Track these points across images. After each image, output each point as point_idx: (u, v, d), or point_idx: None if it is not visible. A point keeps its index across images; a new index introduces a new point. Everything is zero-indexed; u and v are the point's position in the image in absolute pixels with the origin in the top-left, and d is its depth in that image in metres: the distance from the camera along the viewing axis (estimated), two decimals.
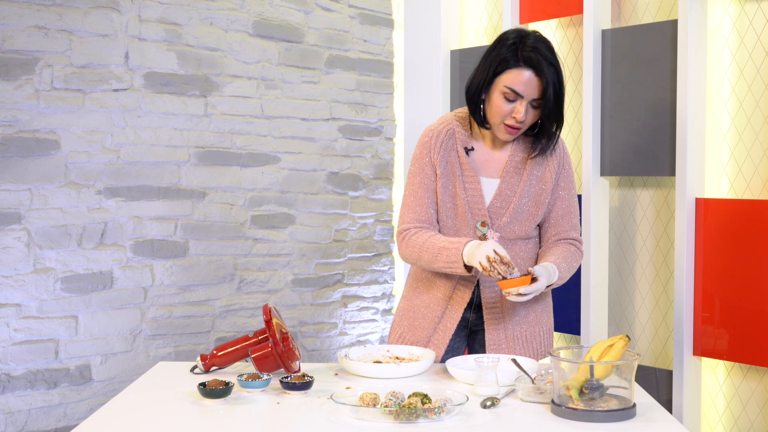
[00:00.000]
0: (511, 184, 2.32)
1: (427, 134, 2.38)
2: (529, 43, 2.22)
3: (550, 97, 2.22)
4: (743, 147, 2.80)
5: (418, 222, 2.34)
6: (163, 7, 3.22)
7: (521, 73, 2.21)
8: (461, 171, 2.33)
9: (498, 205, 2.32)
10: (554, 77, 2.21)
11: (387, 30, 3.95)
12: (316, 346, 3.78)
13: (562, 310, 3.28)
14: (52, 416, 3.00)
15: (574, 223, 2.39)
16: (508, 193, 2.32)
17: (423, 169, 2.35)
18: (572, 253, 2.35)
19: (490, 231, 2.32)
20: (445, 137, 2.35)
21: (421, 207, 2.35)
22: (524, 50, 2.21)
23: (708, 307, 2.85)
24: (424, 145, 2.36)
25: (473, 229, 2.33)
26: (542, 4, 3.31)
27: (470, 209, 2.32)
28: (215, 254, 3.41)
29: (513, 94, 2.22)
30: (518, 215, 2.32)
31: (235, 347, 2.24)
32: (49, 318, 2.98)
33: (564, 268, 2.30)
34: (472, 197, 2.32)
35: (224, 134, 3.41)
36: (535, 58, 2.20)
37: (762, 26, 2.73)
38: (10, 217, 2.90)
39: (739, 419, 2.84)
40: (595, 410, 1.84)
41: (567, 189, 2.37)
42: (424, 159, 2.35)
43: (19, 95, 2.90)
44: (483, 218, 2.33)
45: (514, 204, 2.32)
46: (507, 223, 2.32)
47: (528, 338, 2.40)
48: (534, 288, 2.17)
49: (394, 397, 1.88)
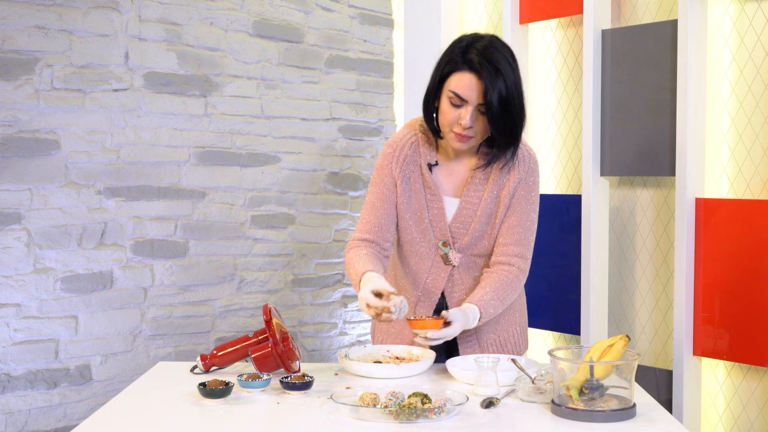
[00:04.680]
0: (471, 204, 2.26)
1: (391, 145, 2.31)
2: (477, 46, 2.13)
3: (493, 102, 2.09)
4: (743, 147, 2.80)
5: (365, 234, 2.30)
6: (163, 7, 3.22)
7: (464, 76, 2.12)
8: (424, 188, 2.28)
9: (459, 225, 2.27)
10: (501, 83, 2.09)
11: (387, 30, 3.95)
12: (316, 346, 3.78)
13: (562, 310, 3.28)
14: (52, 416, 3.00)
15: (521, 238, 2.27)
16: (469, 213, 2.27)
17: (383, 180, 2.30)
18: (508, 282, 2.26)
19: (452, 252, 2.28)
20: (408, 151, 2.29)
21: (374, 219, 2.30)
22: (469, 53, 2.12)
23: (708, 307, 2.85)
24: (386, 156, 2.31)
25: (435, 248, 2.29)
26: (542, 4, 3.31)
27: (432, 228, 2.28)
28: (215, 254, 3.41)
29: (458, 98, 2.13)
30: (479, 234, 2.28)
31: (235, 347, 2.24)
32: (49, 318, 2.98)
33: (495, 302, 2.23)
34: (434, 216, 2.28)
35: (224, 134, 3.41)
36: (478, 61, 2.10)
37: (762, 26, 2.73)
38: (10, 217, 2.90)
39: (739, 419, 2.84)
40: (595, 410, 1.84)
41: (522, 203, 2.27)
42: (385, 170, 2.30)
43: (19, 95, 2.90)
44: (445, 238, 2.28)
45: (474, 224, 2.27)
46: (469, 243, 2.28)
47: (502, 342, 2.39)
48: (444, 333, 2.12)
49: (394, 397, 1.88)
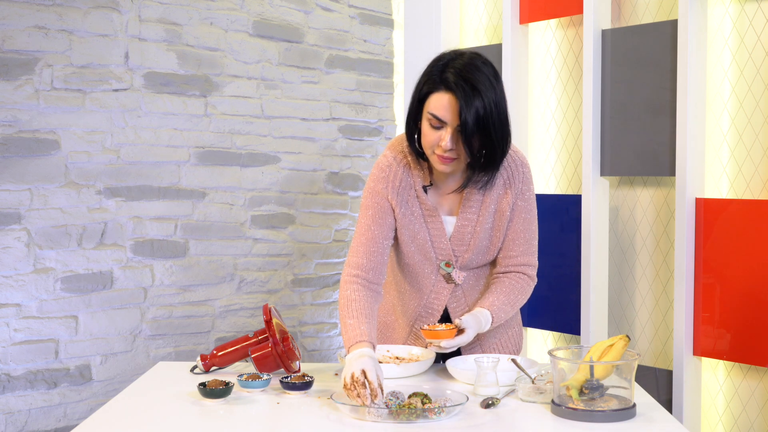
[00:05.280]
0: (469, 221, 2.23)
1: (383, 170, 2.22)
2: (455, 65, 2.05)
3: (468, 122, 2.01)
4: (743, 147, 2.80)
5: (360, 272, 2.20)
6: (163, 7, 3.22)
7: (442, 97, 2.04)
8: (422, 211, 2.23)
9: (459, 243, 2.25)
10: (478, 102, 2.01)
11: (387, 30, 3.95)
12: (316, 346, 3.78)
13: (562, 310, 3.28)
14: (52, 416, 3.00)
15: (527, 248, 2.26)
16: (468, 230, 2.24)
17: (378, 203, 2.21)
18: (519, 288, 2.26)
19: (455, 271, 2.26)
20: (402, 175, 2.21)
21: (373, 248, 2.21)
22: (446, 72, 2.04)
23: (708, 307, 2.85)
24: (379, 180, 2.22)
25: (437, 267, 2.27)
26: (542, 4, 3.31)
27: (434, 248, 2.25)
28: (215, 254, 3.41)
29: (437, 120, 2.05)
30: (479, 249, 2.25)
31: (235, 347, 2.24)
32: (49, 318, 2.98)
33: (506, 307, 2.22)
34: (435, 237, 2.24)
35: (224, 134, 3.41)
36: (454, 80, 2.02)
37: (762, 26, 2.73)
38: (10, 217, 2.90)
39: (739, 419, 2.84)
40: (595, 410, 1.84)
41: (523, 213, 2.24)
42: (380, 194, 2.21)
43: (19, 95, 2.90)
44: (447, 257, 2.26)
45: (475, 240, 2.24)
46: (470, 259, 2.26)
47: (503, 343, 2.39)
48: (458, 341, 2.11)
49: (394, 397, 1.88)
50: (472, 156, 2.07)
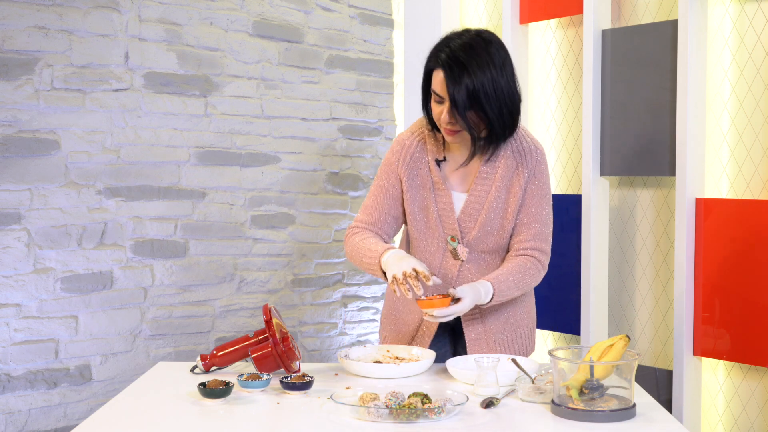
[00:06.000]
0: (479, 198, 2.27)
1: (399, 142, 2.34)
2: (451, 44, 2.16)
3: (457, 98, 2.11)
4: (743, 147, 2.80)
5: (365, 224, 2.35)
6: (163, 7, 3.22)
7: (438, 74, 2.16)
8: (432, 183, 2.29)
9: (467, 219, 2.28)
10: (467, 79, 2.10)
11: (387, 30, 3.95)
12: (316, 346, 3.78)
13: (562, 310, 3.28)
14: (52, 416, 3.00)
15: (538, 232, 2.29)
16: (476, 207, 2.27)
17: (388, 175, 2.34)
18: (527, 268, 2.27)
19: (460, 246, 2.28)
20: (416, 148, 2.32)
21: (375, 210, 2.34)
22: (442, 51, 2.16)
23: (708, 307, 2.85)
24: (394, 153, 2.34)
25: (444, 242, 2.30)
26: (542, 4, 3.31)
27: (441, 222, 2.29)
28: (215, 254, 3.41)
29: (437, 96, 2.17)
30: (487, 229, 2.27)
31: (235, 347, 2.24)
32: (49, 318, 2.98)
33: (510, 283, 2.23)
34: (443, 210, 2.28)
35: (224, 134, 3.41)
36: (445, 59, 2.13)
37: (762, 26, 2.73)
38: (10, 217, 2.90)
39: (739, 419, 2.84)
40: (595, 410, 1.84)
41: (536, 198, 2.28)
42: (392, 166, 2.33)
43: (19, 95, 2.90)
44: (453, 232, 2.29)
45: (482, 217, 2.27)
46: (476, 237, 2.28)
47: (509, 341, 2.39)
48: (453, 310, 2.11)
49: (394, 397, 1.88)
50: (469, 129, 2.16)
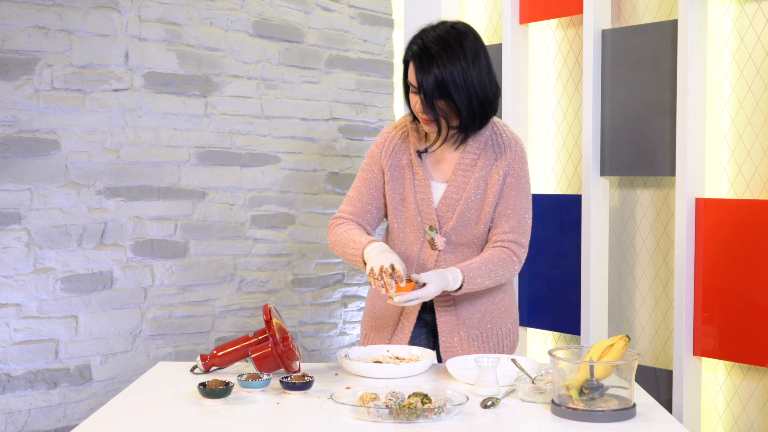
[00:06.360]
0: (457, 188, 2.31)
1: (383, 135, 2.41)
2: (422, 36, 2.22)
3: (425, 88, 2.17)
4: (743, 147, 2.80)
5: (349, 215, 2.39)
6: (163, 7, 3.22)
7: (411, 66, 2.23)
8: (412, 174, 2.34)
9: (445, 209, 2.31)
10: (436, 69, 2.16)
11: (387, 30, 3.95)
12: (316, 346, 3.78)
13: (562, 310, 3.28)
14: (52, 416, 3.00)
15: (516, 225, 2.30)
16: (455, 197, 2.30)
17: (371, 167, 2.39)
18: (501, 259, 2.28)
19: (437, 236, 2.31)
20: (398, 141, 2.38)
21: (359, 201, 2.39)
22: (414, 44, 2.23)
23: (708, 307, 2.85)
24: (378, 145, 2.40)
25: (423, 232, 2.33)
26: (542, 4, 3.31)
27: (419, 212, 2.32)
28: (215, 254, 3.41)
29: (413, 86, 2.23)
30: (464, 219, 2.30)
31: (235, 347, 2.24)
32: (49, 318, 2.98)
33: (482, 271, 2.24)
34: (421, 200, 2.32)
35: (224, 134, 3.41)
36: (415, 51, 2.20)
37: (762, 26, 2.73)
38: (10, 217, 2.90)
39: (739, 419, 2.84)
40: (595, 410, 1.84)
41: (514, 191, 2.30)
42: (375, 158, 2.39)
43: (19, 95, 2.90)
44: (431, 222, 2.32)
45: (460, 208, 2.30)
46: (454, 227, 2.31)
47: (485, 338, 2.39)
48: (416, 294, 2.14)
49: (394, 397, 1.88)
50: (436, 118, 2.21)
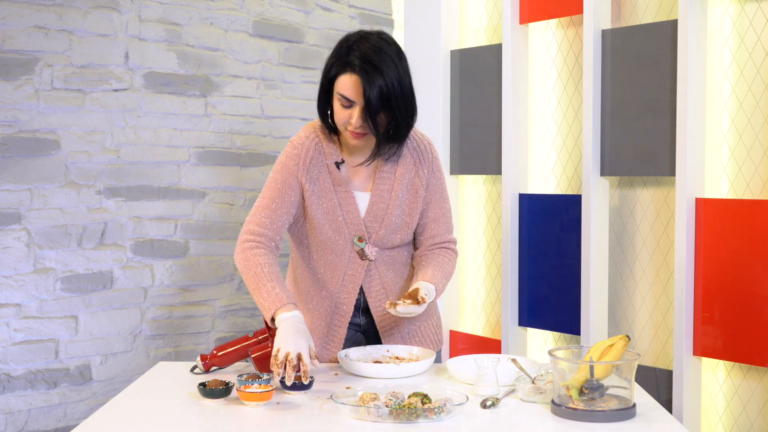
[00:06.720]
0: (382, 197, 2.31)
1: (296, 146, 2.30)
2: (360, 47, 2.17)
3: (371, 99, 2.13)
4: (743, 147, 2.80)
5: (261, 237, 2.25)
6: (163, 7, 3.22)
7: (349, 78, 2.16)
8: (334, 187, 2.29)
9: (372, 219, 2.31)
10: (380, 81, 2.13)
11: (387, 30, 3.95)
12: None
13: (562, 310, 3.28)
14: (52, 416, 3.00)
15: (447, 225, 2.41)
16: (381, 206, 2.31)
17: (287, 181, 2.28)
18: (448, 260, 2.37)
19: (368, 246, 2.31)
20: (314, 153, 2.29)
21: (275, 219, 2.27)
22: (351, 55, 2.16)
23: (708, 307, 2.85)
24: (291, 156, 2.29)
25: (350, 244, 2.31)
26: (542, 4, 3.31)
27: (347, 224, 2.30)
28: (215, 254, 3.41)
29: (346, 100, 2.17)
30: (393, 227, 2.31)
31: (235, 347, 2.24)
32: (49, 318, 2.98)
33: (443, 282, 2.33)
34: (347, 212, 2.29)
35: (224, 134, 3.41)
36: (358, 63, 2.14)
37: (762, 26, 2.73)
38: (10, 217, 2.90)
39: (739, 419, 2.84)
40: (595, 410, 1.84)
41: (438, 192, 2.38)
42: (290, 171, 2.28)
43: (19, 95, 2.90)
44: (359, 233, 2.30)
45: (389, 216, 2.31)
46: (383, 236, 2.32)
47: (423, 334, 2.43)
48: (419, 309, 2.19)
49: (394, 397, 1.88)
50: (376, 131, 2.18)
